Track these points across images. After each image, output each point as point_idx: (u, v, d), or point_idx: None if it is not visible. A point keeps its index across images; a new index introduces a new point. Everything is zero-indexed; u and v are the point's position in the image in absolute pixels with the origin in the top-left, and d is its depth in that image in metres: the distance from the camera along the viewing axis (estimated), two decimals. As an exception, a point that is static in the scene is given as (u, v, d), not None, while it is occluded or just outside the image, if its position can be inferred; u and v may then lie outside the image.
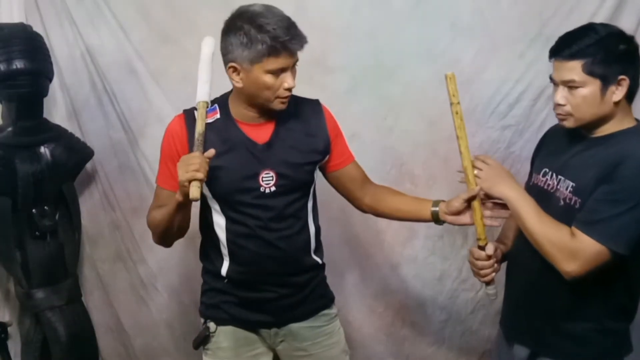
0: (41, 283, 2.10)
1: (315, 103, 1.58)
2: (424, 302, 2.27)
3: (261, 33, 1.33)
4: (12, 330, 2.23)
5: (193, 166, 1.29)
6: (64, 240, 2.17)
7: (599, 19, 1.93)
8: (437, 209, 1.54)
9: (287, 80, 1.38)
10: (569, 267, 1.30)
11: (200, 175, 1.29)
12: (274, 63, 1.35)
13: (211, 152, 1.35)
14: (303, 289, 1.58)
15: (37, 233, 2.09)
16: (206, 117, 1.42)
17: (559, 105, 1.35)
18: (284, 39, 1.33)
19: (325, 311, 1.64)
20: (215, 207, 1.50)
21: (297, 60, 1.40)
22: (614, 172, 1.27)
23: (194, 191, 1.28)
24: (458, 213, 1.51)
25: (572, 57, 1.30)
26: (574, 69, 1.30)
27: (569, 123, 1.37)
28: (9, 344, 2.22)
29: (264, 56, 1.34)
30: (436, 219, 1.55)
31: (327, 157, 1.56)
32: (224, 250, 1.52)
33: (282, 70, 1.37)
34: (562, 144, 1.47)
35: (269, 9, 1.38)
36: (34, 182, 2.03)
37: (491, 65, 2.05)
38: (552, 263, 1.33)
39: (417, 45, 2.07)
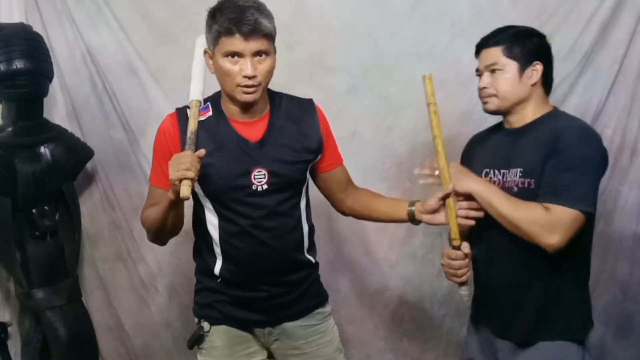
0: (41, 283, 2.09)
1: (309, 103, 1.57)
2: (422, 298, 2.28)
3: (219, 15, 1.36)
4: (12, 330, 2.22)
5: (184, 165, 1.29)
6: (64, 240, 2.17)
7: (598, 19, 1.95)
8: (413, 208, 1.55)
9: (244, 67, 1.37)
10: (552, 239, 1.35)
11: (191, 174, 1.29)
12: (228, 45, 1.35)
13: (202, 152, 1.35)
14: (296, 287, 1.57)
15: (37, 233, 2.08)
16: (199, 116, 1.43)
17: (484, 88, 1.51)
18: (236, 21, 1.33)
19: (319, 310, 1.63)
20: (207, 206, 1.50)
21: (258, 50, 1.37)
22: (556, 146, 1.39)
23: (185, 190, 1.28)
24: (434, 212, 1.52)
25: (495, 44, 1.50)
26: (495, 54, 1.49)
27: (492, 105, 1.51)
28: (9, 344, 2.21)
29: (219, 37, 1.36)
30: (412, 218, 1.55)
31: (319, 157, 1.56)
32: (217, 249, 1.52)
33: (238, 55, 1.36)
34: (490, 144, 1.58)
35: None
36: (34, 182, 2.03)
37: (490, 65, 2.05)
38: (533, 240, 1.37)
39: (417, 45, 2.08)
